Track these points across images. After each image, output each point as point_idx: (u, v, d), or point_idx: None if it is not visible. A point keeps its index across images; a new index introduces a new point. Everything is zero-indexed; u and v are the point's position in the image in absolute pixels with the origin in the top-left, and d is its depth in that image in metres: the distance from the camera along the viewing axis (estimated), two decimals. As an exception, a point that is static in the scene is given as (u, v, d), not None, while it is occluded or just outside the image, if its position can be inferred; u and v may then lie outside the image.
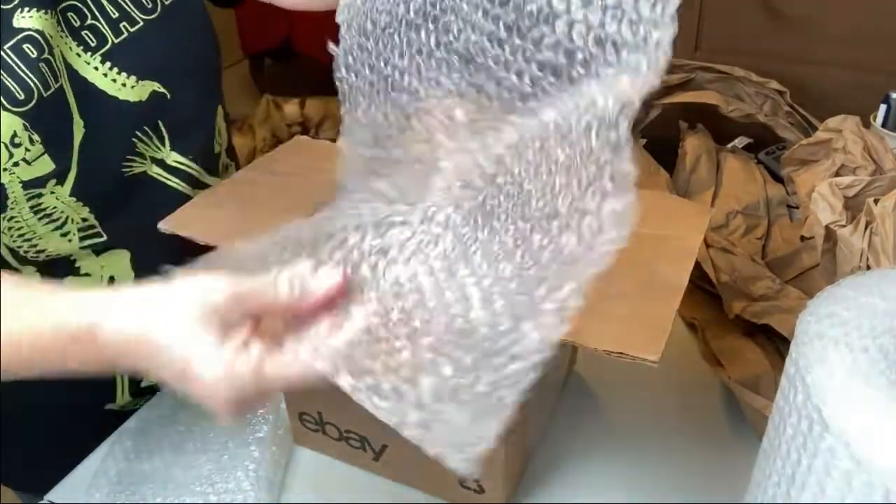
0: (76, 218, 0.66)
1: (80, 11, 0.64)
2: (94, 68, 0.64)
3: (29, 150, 0.60)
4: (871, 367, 0.39)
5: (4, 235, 0.63)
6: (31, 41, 0.59)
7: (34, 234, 0.64)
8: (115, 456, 0.69)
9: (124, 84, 0.65)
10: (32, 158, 0.60)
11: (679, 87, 1.04)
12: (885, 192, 0.72)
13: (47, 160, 0.61)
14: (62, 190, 0.63)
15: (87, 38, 0.64)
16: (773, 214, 0.92)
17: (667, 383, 0.75)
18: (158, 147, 0.70)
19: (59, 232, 0.65)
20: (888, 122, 0.93)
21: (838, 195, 0.73)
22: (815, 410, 0.39)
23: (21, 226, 0.63)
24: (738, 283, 0.77)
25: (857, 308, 0.43)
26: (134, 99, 0.66)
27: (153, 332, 0.41)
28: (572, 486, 0.66)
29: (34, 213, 0.63)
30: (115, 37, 0.65)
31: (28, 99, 0.59)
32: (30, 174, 0.60)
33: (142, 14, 0.67)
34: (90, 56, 0.64)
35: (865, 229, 0.68)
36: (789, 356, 0.43)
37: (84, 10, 0.64)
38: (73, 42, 0.63)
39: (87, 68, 0.64)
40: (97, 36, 0.64)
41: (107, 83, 0.65)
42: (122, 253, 0.71)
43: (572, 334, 0.49)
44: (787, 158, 0.91)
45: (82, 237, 0.67)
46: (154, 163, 0.70)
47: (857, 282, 0.45)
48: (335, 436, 0.66)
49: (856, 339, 0.41)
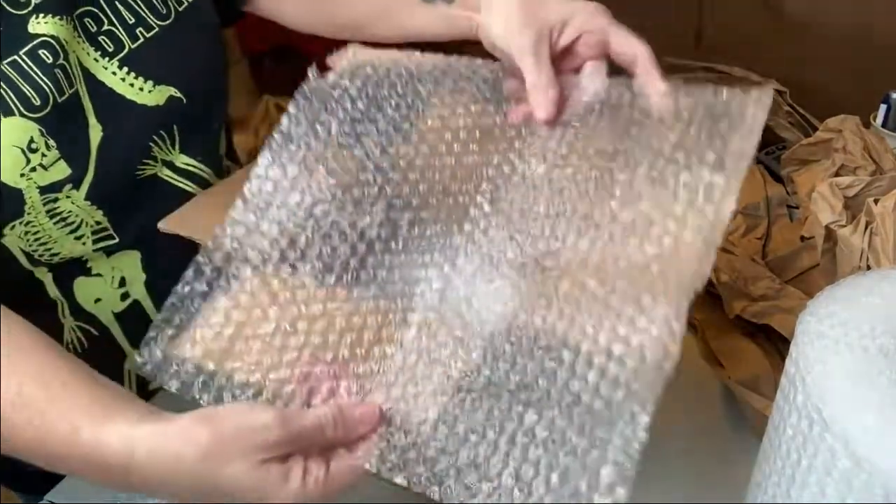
0: (90, 221, 0.66)
1: (97, 17, 0.64)
2: (112, 73, 0.65)
3: (45, 155, 0.60)
4: (871, 367, 0.39)
5: (20, 240, 0.63)
6: (47, 47, 0.60)
7: (49, 238, 0.65)
8: (115, 456, 0.68)
9: (142, 88, 0.66)
10: (49, 164, 0.61)
11: (679, 87, 1.04)
12: (885, 192, 0.72)
13: (63, 165, 0.62)
14: (77, 194, 0.64)
15: (104, 43, 0.65)
16: (773, 214, 0.91)
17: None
18: (169, 149, 0.71)
19: (73, 235, 0.66)
20: (888, 122, 0.93)
21: (838, 195, 0.73)
22: (815, 410, 0.39)
23: (37, 230, 0.63)
24: (738, 283, 0.77)
25: (857, 308, 0.43)
26: (152, 103, 0.67)
27: (217, 481, 0.42)
28: (572, 485, 0.66)
29: (50, 217, 0.63)
30: (131, 42, 0.66)
31: (44, 104, 0.60)
32: (46, 179, 0.61)
33: (157, 19, 0.67)
34: (107, 61, 0.65)
35: (865, 229, 0.68)
36: (789, 356, 0.43)
37: (100, 16, 0.65)
38: (90, 47, 0.64)
39: (104, 73, 0.65)
40: (114, 41, 0.65)
41: (125, 87, 0.66)
42: (132, 254, 0.72)
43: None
44: (787, 158, 0.91)
45: (95, 239, 0.68)
46: (164, 165, 0.71)
47: (857, 282, 0.45)
48: (335, 436, 0.66)
49: (856, 339, 0.41)
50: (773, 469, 0.45)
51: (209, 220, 0.63)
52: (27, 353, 0.47)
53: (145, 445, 0.42)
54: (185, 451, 0.42)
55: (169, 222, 0.62)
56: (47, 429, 0.43)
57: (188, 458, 0.42)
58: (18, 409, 0.44)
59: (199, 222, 0.63)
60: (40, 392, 0.44)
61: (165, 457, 0.42)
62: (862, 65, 1.14)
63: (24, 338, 0.48)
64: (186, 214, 0.64)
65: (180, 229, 0.61)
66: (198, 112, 0.72)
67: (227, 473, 0.41)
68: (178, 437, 0.42)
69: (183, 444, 0.42)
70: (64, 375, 0.46)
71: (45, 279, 0.68)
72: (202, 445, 0.42)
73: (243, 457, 0.41)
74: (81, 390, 0.45)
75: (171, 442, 0.42)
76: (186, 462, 0.41)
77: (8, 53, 0.59)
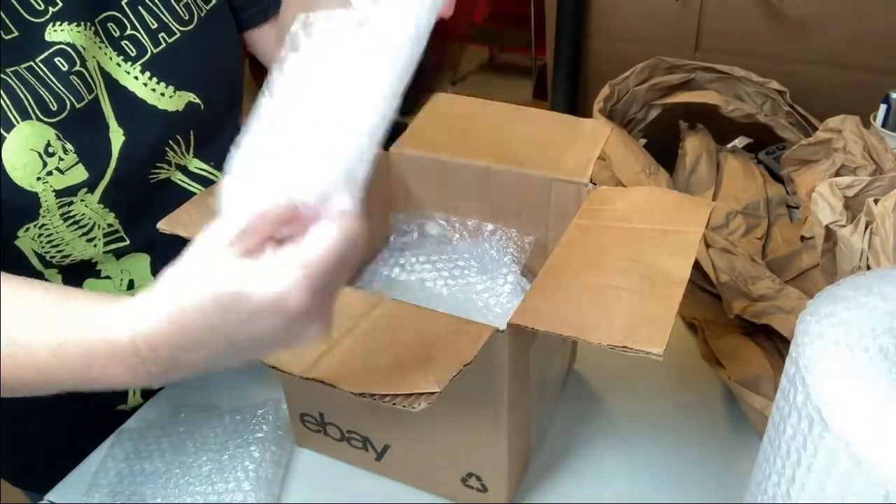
0: (102, 224, 0.67)
1: (120, 22, 0.65)
2: (135, 78, 0.65)
3: (63, 159, 0.60)
4: (871, 367, 0.39)
5: (34, 242, 0.64)
6: (63, 55, 0.60)
7: (62, 240, 0.65)
8: (115, 456, 0.69)
9: (163, 94, 0.67)
10: (66, 168, 0.61)
11: (679, 87, 1.04)
12: (885, 192, 0.72)
13: (81, 169, 0.62)
14: (92, 197, 0.64)
15: (126, 48, 0.65)
16: (773, 214, 0.92)
17: (667, 383, 0.75)
18: (184, 154, 0.71)
19: (85, 237, 0.66)
20: (888, 122, 0.93)
21: (838, 195, 0.73)
22: (815, 410, 0.39)
23: (50, 232, 0.64)
24: (738, 283, 0.77)
25: (857, 308, 0.43)
26: (171, 108, 0.67)
27: (183, 304, 0.38)
28: (573, 485, 0.66)
29: (63, 220, 0.64)
30: (153, 47, 0.66)
31: (61, 110, 0.60)
32: (63, 183, 0.61)
33: (179, 25, 0.68)
34: (130, 66, 0.65)
35: (865, 229, 0.68)
36: (789, 356, 0.43)
37: (123, 21, 0.65)
38: (112, 52, 0.64)
39: (126, 77, 0.65)
40: (136, 46, 0.65)
41: (146, 92, 0.66)
42: (142, 257, 0.72)
43: (574, 330, 0.49)
44: (787, 158, 0.91)
45: (106, 242, 0.69)
46: (178, 169, 0.72)
47: (857, 282, 0.45)
48: (337, 436, 0.66)
49: (856, 339, 0.41)
50: (773, 469, 0.45)
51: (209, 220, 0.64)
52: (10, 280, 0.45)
53: (142, 318, 0.39)
54: (168, 298, 0.38)
55: (169, 222, 0.62)
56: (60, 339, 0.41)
57: (172, 305, 0.38)
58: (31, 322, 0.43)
59: (199, 222, 0.62)
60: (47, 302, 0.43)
61: (161, 317, 0.38)
62: (862, 65, 1.14)
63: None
64: (186, 214, 0.64)
65: (180, 229, 0.61)
66: (214, 118, 0.72)
67: (206, 298, 0.37)
68: (158, 298, 0.39)
69: (164, 295, 0.39)
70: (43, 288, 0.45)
71: (56, 281, 0.68)
72: (177, 285, 0.39)
73: (208, 272, 0.38)
74: (71, 293, 0.44)
75: (157, 303, 0.39)
76: (174, 312, 0.38)
77: (25, 59, 0.59)
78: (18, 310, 0.44)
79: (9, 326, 0.43)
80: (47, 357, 0.42)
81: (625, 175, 0.90)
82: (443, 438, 0.61)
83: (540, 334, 0.54)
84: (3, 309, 0.43)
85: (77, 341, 0.41)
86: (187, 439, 0.69)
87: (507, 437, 0.58)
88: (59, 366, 0.42)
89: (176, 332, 0.39)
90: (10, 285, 0.45)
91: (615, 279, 0.53)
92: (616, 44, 1.35)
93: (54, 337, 0.42)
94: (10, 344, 0.43)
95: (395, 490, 0.66)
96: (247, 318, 0.38)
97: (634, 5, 1.30)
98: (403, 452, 0.64)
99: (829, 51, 1.16)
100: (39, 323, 0.43)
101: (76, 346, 0.41)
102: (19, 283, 0.45)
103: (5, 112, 0.57)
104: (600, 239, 0.59)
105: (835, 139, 0.86)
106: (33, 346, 0.42)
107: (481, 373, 0.53)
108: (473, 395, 0.56)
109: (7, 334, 0.43)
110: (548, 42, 1.42)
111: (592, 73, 1.40)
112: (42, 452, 0.79)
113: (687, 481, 0.65)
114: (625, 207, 0.62)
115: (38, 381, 0.43)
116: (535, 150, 0.72)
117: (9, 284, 0.45)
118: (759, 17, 1.19)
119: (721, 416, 0.72)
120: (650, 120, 1.03)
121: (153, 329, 0.39)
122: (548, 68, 1.44)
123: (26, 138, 0.58)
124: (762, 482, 0.47)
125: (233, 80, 0.76)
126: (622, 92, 1.01)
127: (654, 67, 1.03)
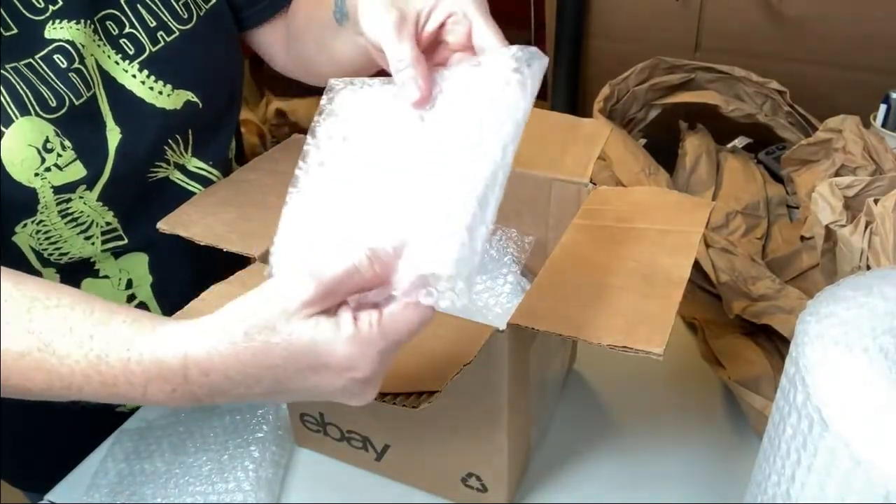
0: (101, 222, 0.67)
1: (118, 20, 0.65)
2: (132, 76, 0.65)
3: (61, 155, 0.60)
4: (871, 367, 0.39)
5: (31, 238, 0.64)
6: (62, 52, 0.60)
7: (60, 238, 0.65)
8: (115, 456, 0.69)
9: (161, 92, 0.67)
10: (64, 164, 0.61)
11: (679, 87, 1.04)
12: (885, 192, 0.72)
13: (79, 166, 0.62)
14: (90, 195, 0.64)
15: (124, 46, 0.65)
16: (773, 214, 0.92)
17: (667, 383, 0.75)
18: (182, 153, 0.71)
19: (83, 235, 0.66)
20: (888, 122, 0.93)
21: (838, 195, 0.73)
22: (815, 410, 0.39)
23: (48, 229, 0.64)
24: (738, 283, 0.77)
25: (857, 308, 0.43)
26: (170, 107, 0.67)
27: (270, 352, 0.39)
28: (574, 485, 0.66)
29: (62, 217, 0.64)
30: (152, 45, 0.66)
31: (59, 106, 0.60)
32: (61, 180, 0.61)
33: (178, 24, 0.67)
34: (128, 64, 0.65)
35: (865, 229, 0.68)
36: (789, 356, 0.43)
37: (122, 19, 0.65)
38: (110, 50, 0.64)
39: (124, 76, 0.65)
40: (135, 44, 0.65)
41: (144, 90, 0.66)
42: (140, 256, 0.72)
43: (574, 330, 0.49)
44: (787, 158, 0.91)
45: (104, 240, 0.68)
46: (176, 168, 0.71)
47: (857, 282, 0.45)
48: (337, 436, 0.66)
49: (856, 339, 0.41)
50: (773, 469, 0.45)
51: (209, 220, 0.64)
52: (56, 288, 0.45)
53: (197, 342, 0.40)
54: (234, 329, 0.39)
55: (169, 222, 0.62)
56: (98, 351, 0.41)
57: (238, 337, 0.39)
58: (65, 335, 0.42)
59: (198, 222, 0.63)
60: (86, 317, 0.42)
61: (219, 345, 0.39)
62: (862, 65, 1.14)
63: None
64: (186, 214, 0.64)
65: (180, 229, 0.61)
66: (212, 117, 0.72)
67: (277, 342, 0.39)
68: (220, 326, 0.40)
69: (228, 325, 0.40)
70: (97, 301, 0.44)
71: (54, 280, 0.68)
72: (246, 321, 0.39)
73: (287, 321, 0.39)
74: (117, 310, 0.43)
75: (218, 331, 0.40)
76: (238, 345, 0.39)
77: (25, 56, 0.59)
78: (57, 315, 0.43)
79: (43, 333, 0.42)
80: (82, 369, 0.41)
81: (625, 175, 0.90)
82: (443, 438, 0.61)
83: (540, 334, 0.54)
84: (39, 313, 0.43)
85: (118, 358, 0.41)
86: (187, 439, 0.69)
87: (507, 437, 0.58)
88: (92, 379, 0.41)
89: (232, 363, 0.39)
90: (44, 290, 0.44)
91: (615, 279, 0.53)
92: (616, 44, 1.35)
93: (92, 350, 0.41)
94: (42, 350, 0.42)
95: (395, 490, 0.66)
96: (311, 371, 0.40)
97: (634, 5, 1.30)
98: (403, 452, 0.64)
99: (829, 51, 1.16)
100: (78, 334, 0.42)
101: (116, 361, 0.41)
102: (57, 289, 0.44)
103: (4, 108, 0.58)
104: (600, 239, 0.59)
105: (835, 139, 0.86)
106: (70, 356, 0.41)
107: (481, 373, 0.53)
108: (473, 396, 0.56)
109: (43, 340, 0.42)
110: (548, 42, 1.42)
111: (592, 73, 1.40)
112: (42, 453, 0.79)
113: (687, 481, 0.65)
114: (625, 207, 0.62)
115: (60, 389, 0.42)
116: (534, 150, 0.72)
117: (43, 289, 0.44)
118: (759, 17, 1.20)
119: (721, 416, 0.72)
120: (650, 120, 1.03)
121: (208, 354, 0.39)
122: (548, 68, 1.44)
123: (25, 134, 0.58)
124: (762, 482, 0.47)
125: (232, 79, 0.76)
126: (622, 92, 1.01)
127: (654, 67, 1.03)
